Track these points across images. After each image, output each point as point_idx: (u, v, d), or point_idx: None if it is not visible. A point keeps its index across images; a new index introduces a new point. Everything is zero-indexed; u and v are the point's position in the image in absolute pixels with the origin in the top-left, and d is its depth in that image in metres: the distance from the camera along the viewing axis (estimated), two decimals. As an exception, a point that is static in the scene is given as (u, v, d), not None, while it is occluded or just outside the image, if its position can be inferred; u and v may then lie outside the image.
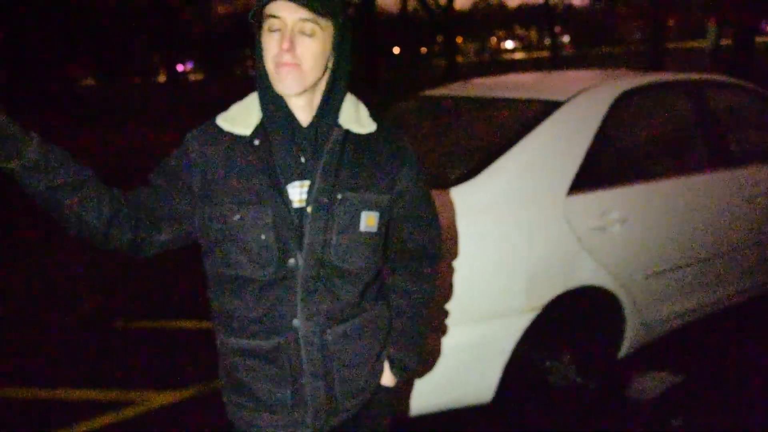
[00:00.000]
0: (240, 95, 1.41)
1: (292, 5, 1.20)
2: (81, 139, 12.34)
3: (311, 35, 1.23)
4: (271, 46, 1.25)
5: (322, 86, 1.32)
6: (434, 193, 1.55)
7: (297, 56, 1.23)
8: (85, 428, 2.79)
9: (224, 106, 1.39)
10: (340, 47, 1.30)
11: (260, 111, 1.33)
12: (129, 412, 2.90)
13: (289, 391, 1.37)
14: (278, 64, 1.24)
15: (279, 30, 1.24)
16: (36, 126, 1.28)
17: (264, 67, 1.28)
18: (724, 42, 22.12)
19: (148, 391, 3.08)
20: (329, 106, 1.33)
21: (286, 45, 1.22)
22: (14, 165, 1.16)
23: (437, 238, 1.53)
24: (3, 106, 1.13)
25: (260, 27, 1.27)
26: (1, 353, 3.61)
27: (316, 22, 1.23)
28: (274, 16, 1.23)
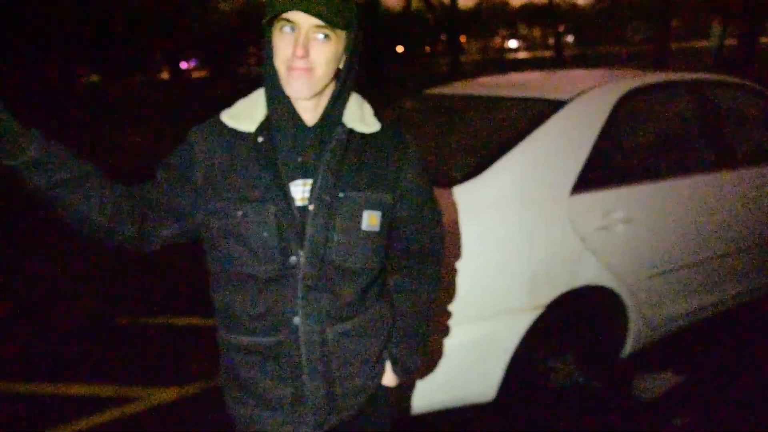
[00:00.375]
0: (243, 93, 1.41)
1: (307, 13, 1.19)
2: (84, 136, 12.36)
3: (325, 40, 1.23)
4: (283, 47, 1.23)
5: (331, 89, 1.32)
6: (437, 191, 1.55)
7: (310, 61, 1.22)
8: (88, 424, 2.80)
9: (228, 103, 1.39)
10: (351, 50, 1.29)
11: (265, 108, 1.33)
12: (132, 408, 2.91)
13: (289, 389, 1.37)
14: (290, 68, 1.23)
15: (292, 32, 1.22)
16: (39, 124, 1.28)
17: (273, 65, 1.27)
18: (729, 42, 22.05)
19: (151, 387, 3.08)
20: (335, 109, 1.33)
21: (300, 52, 1.21)
22: (16, 162, 1.16)
23: (440, 238, 1.53)
24: (4, 103, 1.13)
25: (270, 23, 1.26)
26: (5, 349, 3.62)
27: (331, 29, 1.22)
28: (288, 20, 1.22)
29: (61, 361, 3.43)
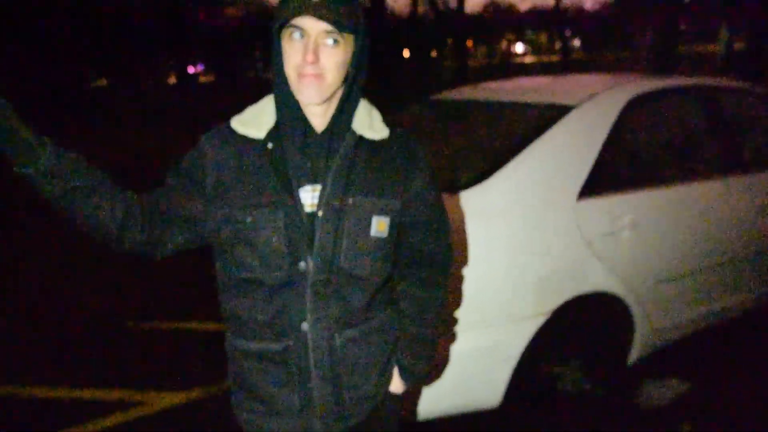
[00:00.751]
0: (252, 98, 1.42)
1: (317, 18, 1.20)
2: (93, 141, 12.42)
3: (334, 45, 1.23)
4: (293, 53, 1.24)
5: (339, 94, 1.33)
6: (444, 196, 1.55)
7: (320, 67, 1.23)
8: (94, 427, 2.81)
9: (237, 109, 1.40)
10: (359, 56, 1.30)
11: (275, 114, 1.34)
12: (138, 412, 2.92)
13: (297, 395, 1.38)
14: (301, 75, 1.24)
15: (301, 38, 1.23)
16: (50, 129, 1.29)
17: (282, 71, 1.28)
18: (737, 46, 21.96)
19: (157, 391, 3.09)
20: (344, 114, 1.34)
21: (310, 58, 1.21)
22: (29, 171, 1.17)
23: (448, 245, 1.53)
24: (16, 111, 1.14)
25: (279, 30, 1.27)
26: (11, 352, 3.63)
27: (339, 33, 1.23)
28: (296, 26, 1.23)
29: (68, 364, 3.44)
